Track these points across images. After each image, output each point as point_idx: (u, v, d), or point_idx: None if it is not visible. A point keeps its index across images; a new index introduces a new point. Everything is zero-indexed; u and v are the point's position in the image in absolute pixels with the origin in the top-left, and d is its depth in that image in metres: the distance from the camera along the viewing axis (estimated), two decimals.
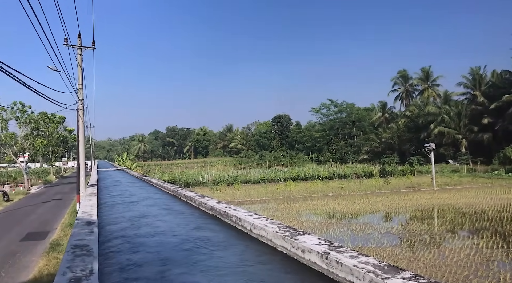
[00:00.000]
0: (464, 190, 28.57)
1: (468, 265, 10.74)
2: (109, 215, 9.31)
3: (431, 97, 67.01)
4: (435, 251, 12.33)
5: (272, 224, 6.07)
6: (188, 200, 11.63)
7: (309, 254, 4.59)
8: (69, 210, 24.02)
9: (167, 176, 40.36)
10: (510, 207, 20.26)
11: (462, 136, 53.74)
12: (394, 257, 11.76)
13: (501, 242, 13.21)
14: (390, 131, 66.86)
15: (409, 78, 74.24)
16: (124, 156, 67.79)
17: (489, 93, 53.09)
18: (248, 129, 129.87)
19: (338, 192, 29.24)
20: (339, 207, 22.23)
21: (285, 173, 41.87)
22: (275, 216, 19.15)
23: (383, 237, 14.55)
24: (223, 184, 35.92)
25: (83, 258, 4.34)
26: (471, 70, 57.78)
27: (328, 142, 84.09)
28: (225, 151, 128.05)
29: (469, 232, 15.09)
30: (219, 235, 6.59)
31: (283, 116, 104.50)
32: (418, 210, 20.70)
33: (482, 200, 23.21)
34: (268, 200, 26.32)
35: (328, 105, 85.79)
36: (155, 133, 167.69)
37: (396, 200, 24.31)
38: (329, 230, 16.19)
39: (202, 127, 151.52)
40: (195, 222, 8.04)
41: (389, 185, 32.33)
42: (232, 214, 7.53)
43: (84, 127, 21.36)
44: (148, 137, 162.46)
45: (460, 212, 19.55)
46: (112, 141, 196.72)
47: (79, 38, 20.52)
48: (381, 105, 78.57)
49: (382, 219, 18.95)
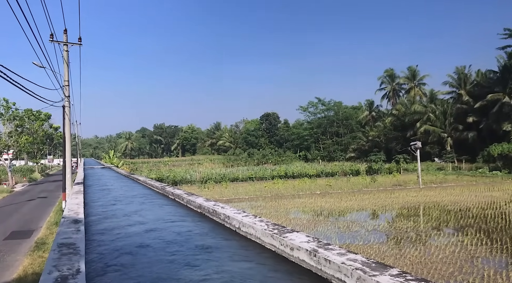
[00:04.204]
0: (449, 187, 28.98)
1: (453, 261, 10.91)
2: (96, 213, 9.22)
3: (418, 96, 67.76)
4: (421, 248, 12.49)
5: (261, 222, 6.08)
6: (176, 198, 11.58)
7: (297, 251, 4.61)
8: (54, 208, 23.70)
9: (155, 174, 40.09)
10: (494, 204, 20.62)
11: (448, 134, 54.49)
12: (381, 254, 11.89)
13: (485, 239, 13.44)
14: (377, 130, 67.46)
15: (396, 77, 74.98)
16: (111, 154, 67.12)
17: (474, 92, 53.90)
18: (236, 127, 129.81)
19: (325, 189, 29.40)
20: (327, 205, 22.36)
21: (273, 171, 41.93)
22: (264, 214, 19.18)
23: (370, 235, 14.69)
24: (211, 182, 35.83)
25: (70, 256, 4.29)
26: (456, 70, 58.58)
27: (316, 140, 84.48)
28: (213, 149, 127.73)
29: (454, 229, 15.33)
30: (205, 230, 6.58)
31: (271, 114, 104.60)
32: (404, 207, 20.94)
33: (466, 197, 23.58)
34: (256, 197, 26.34)
35: (315, 104, 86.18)
36: (142, 130, 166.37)
37: (383, 198, 24.55)
38: (317, 227, 16.28)
39: (190, 125, 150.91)
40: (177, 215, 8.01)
41: (375, 182, 32.62)
42: (220, 212, 7.52)
43: (70, 124, 21.10)
44: (135, 135, 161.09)
45: (445, 209, 19.83)
46: (99, 139, 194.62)
47: (65, 35, 20.24)
48: (368, 103, 79.22)
49: (369, 217, 19.12)
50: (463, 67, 58.26)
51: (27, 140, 42.33)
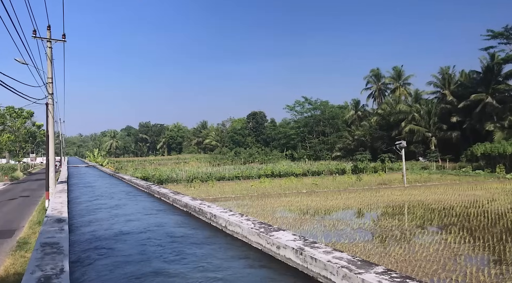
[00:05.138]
0: (433, 186, 29.37)
1: (437, 259, 11.06)
2: (79, 211, 9.10)
3: (403, 95, 68.49)
4: (406, 246, 12.64)
5: (247, 221, 6.07)
6: (162, 196, 11.50)
7: (284, 250, 4.62)
8: (37, 208, 23.31)
9: (140, 173, 39.74)
10: (477, 203, 20.98)
11: (432, 134, 55.26)
12: (366, 252, 11.98)
13: (468, 237, 13.67)
14: (363, 129, 68.04)
15: (382, 76, 75.69)
16: (95, 152, 66.36)
17: (457, 92, 54.76)
18: (223, 126, 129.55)
19: (312, 188, 29.53)
20: (313, 203, 22.47)
21: (259, 170, 41.94)
22: (250, 213, 19.18)
23: (355, 233, 14.80)
24: (197, 180, 35.69)
25: (53, 256, 4.22)
26: (440, 70, 59.43)
27: (302, 139, 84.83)
28: (200, 148, 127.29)
29: (438, 228, 15.54)
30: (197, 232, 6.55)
31: (258, 113, 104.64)
32: (389, 206, 21.15)
33: (450, 196, 23.93)
34: (242, 196, 26.32)
35: (302, 103, 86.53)
36: (127, 129, 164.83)
37: (368, 196, 24.76)
38: (303, 226, 16.35)
39: (176, 124, 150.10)
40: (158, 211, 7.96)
41: (361, 181, 32.89)
42: (207, 211, 7.49)
43: (53, 122, 20.78)
44: (120, 133, 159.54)
45: (430, 208, 20.10)
46: (83, 137, 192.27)
47: (49, 31, 19.91)
48: (354, 103, 79.83)
49: (354, 215, 19.27)
50: (447, 68, 59.17)
51: (8, 138, 41.60)
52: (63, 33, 20.38)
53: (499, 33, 48.94)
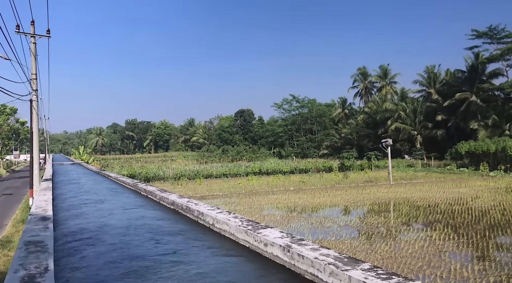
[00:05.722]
0: (419, 184, 29.74)
1: (422, 256, 11.21)
2: (66, 207, 8.99)
3: (389, 94, 69.14)
4: (391, 243, 12.78)
5: (235, 218, 6.06)
6: (149, 194, 11.42)
7: (271, 247, 4.62)
8: (21, 206, 22.94)
9: (126, 170, 39.41)
10: (461, 200, 21.31)
11: (417, 132, 55.93)
12: (353, 249, 12.09)
13: (452, 234, 13.88)
14: (350, 127, 68.54)
15: (368, 75, 76.27)
16: (81, 150, 65.55)
17: (443, 91, 55.47)
18: (210, 123, 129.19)
19: (299, 186, 29.65)
20: (300, 201, 22.56)
21: (247, 168, 41.94)
22: (237, 210, 19.18)
23: (342, 230, 14.91)
24: (185, 178, 35.53)
25: (38, 255, 4.16)
26: (426, 69, 60.14)
27: (290, 137, 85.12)
28: (187, 145, 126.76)
29: (423, 225, 15.75)
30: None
31: (245, 111, 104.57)
32: (375, 203, 21.36)
33: (435, 193, 24.26)
34: (230, 194, 26.29)
35: (290, 101, 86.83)
36: (113, 126, 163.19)
37: (355, 194, 24.96)
38: (290, 223, 16.41)
39: (163, 121, 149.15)
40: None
41: (348, 179, 33.13)
42: (194, 209, 7.46)
43: (38, 119, 20.46)
44: (106, 131, 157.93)
45: (415, 205, 20.35)
46: (68, 134, 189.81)
47: (32, 26, 19.57)
48: (341, 101, 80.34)
49: (341, 213, 19.42)
50: (432, 67, 59.91)
51: None
52: (48, 29, 20.07)
53: (483, 33, 49.76)
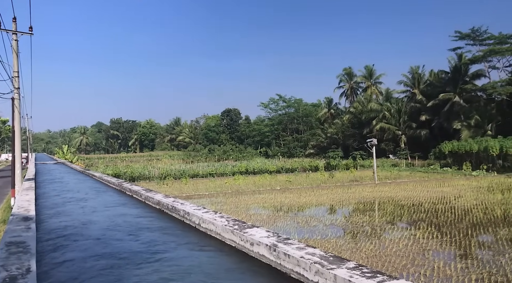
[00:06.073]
0: (403, 183, 30.10)
1: (406, 254, 11.34)
2: (49, 205, 8.84)
3: (374, 94, 69.82)
4: (376, 241, 12.90)
5: (221, 218, 6.05)
6: (134, 194, 11.31)
7: (257, 246, 4.62)
8: (2, 206, 22.48)
9: (111, 170, 38.96)
10: (444, 199, 21.63)
11: (402, 132, 56.63)
12: (338, 248, 12.17)
13: (436, 232, 14.08)
14: (335, 127, 69.01)
15: (354, 75, 76.84)
16: (64, 149, 64.68)
17: (427, 91, 56.28)
18: (196, 122, 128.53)
19: (285, 185, 29.72)
20: (286, 200, 22.62)
21: (234, 167, 41.86)
22: (224, 210, 19.13)
23: (327, 229, 15.00)
24: (170, 178, 35.29)
25: (19, 255, 4.08)
26: (410, 69, 60.90)
27: (276, 136, 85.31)
28: (173, 145, 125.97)
29: (407, 223, 15.94)
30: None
31: (232, 110, 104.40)
32: (360, 202, 21.54)
33: (419, 192, 24.58)
34: (216, 194, 26.21)
35: (276, 101, 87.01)
36: (98, 125, 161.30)
37: (340, 193, 25.14)
38: (277, 223, 16.44)
39: (148, 120, 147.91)
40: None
41: (333, 178, 33.34)
42: (180, 208, 7.42)
43: (20, 117, 20.09)
44: (90, 130, 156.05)
45: (399, 204, 20.59)
46: (52, 133, 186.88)
47: (14, 23, 19.21)
48: (327, 101, 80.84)
49: (327, 212, 19.53)
50: (417, 67, 60.70)
51: None
52: (30, 26, 19.72)
53: (466, 34, 50.59)
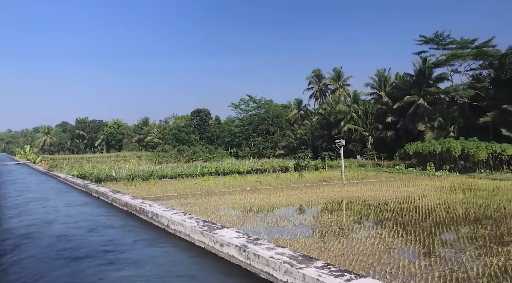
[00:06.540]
0: (370, 183, 30.80)
1: (373, 253, 11.61)
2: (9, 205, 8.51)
3: (342, 96, 71.12)
4: (344, 241, 13.15)
5: (191, 219, 6.00)
6: (100, 195, 11.05)
7: (227, 247, 4.61)
8: None
9: (77, 171, 37.95)
10: (409, 199, 22.29)
11: (369, 133, 57.99)
12: (307, 247, 12.32)
13: (401, 231, 14.48)
14: (305, 128, 69.84)
15: (323, 77, 78.11)
16: (27, 149, 62.28)
17: (392, 94, 57.92)
18: (165, 123, 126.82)
19: (255, 186, 29.82)
20: (257, 201, 22.70)
21: (203, 168, 41.62)
22: (193, 211, 18.99)
23: (297, 229, 15.16)
24: (138, 179, 34.70)
25: None
26: (377, 72, 62.49)
27: (247, 137, 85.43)
28: (141, 145, 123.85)
29: (374, 223, 16.33)
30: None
31: (202, 110, 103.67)
32: (329, 202, 21.89)
33: (385, 192, 25.22)
34: (186, 195, 25.98)
35: (247, 101, 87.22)
36: (63, 125, 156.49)
37: (309, 193, 25.46)
38: (247, 223, 16.47)
39: (115, 120, 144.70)
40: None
41: (303, 178, 33.72)
42: (148, 210, 7.30)
43: None
44: (55, 130, 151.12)
45: (366, 204, 21.06)
46: (13, 133, 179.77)
47: None
48: (297, 102, 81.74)
49: (296, 212, 19.74)
50: (383, 70, 62.34)
51: None
52: None
53: (430, 38, 52.37)
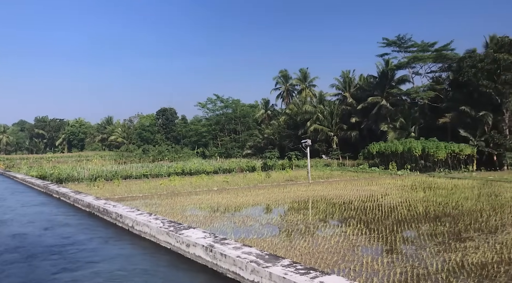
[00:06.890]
0: (335, 182, 31.37)
1: (337, 251, 11.84)
2: None
3: (308, 97, 72.06)
4: (310, 239, 13.33)
5: (156, 220, 5.92)
6: (62, 196, 10.70)
7: (193, 248, 4.58)
8: None
9: (36, 171, 36.49)
10: (372, 197, 22.88)
11: (334, 133, 59.11)
12: (274, 246, 12.40)
13: (365, 229, 14.84)
14: (272, 128, 70.29)
15: (290, 78, 78.85)
16: None
17: (356, 95, 59.28)
18: (130, 122, 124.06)
19: (222, 186, 29.72)
20: (223, 201, 22.63)
21: (169, 168, 41.03)
22: (159, 212, 18.70)
23: (263, 228, 15.24)
24: (102, 179, 33.77)
25: None
26: (342, 73, 63.79)
27: (214, 136, 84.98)
28: (104, 145, 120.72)
29: (339, 221, 16.65)
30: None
31: (168, 109, 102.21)
32: (295, 201, 22.13)
33: (349, 191, 25.77)
34: (151, 195, 25.55)
35: (214, 101, 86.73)
36: (20, 123, 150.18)
37: (276, 193, 25.64)
38: (214, 223, 16.40)
39: (77, 119, 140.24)
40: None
41: (270, 178, 33.91)
42: (112, 211, 7.14)
43: None
44: (12, 128, 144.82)
45: (331, 202, 21.44)
46: None
47: None
48: (264, 102, 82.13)
49: (263, 211, 19.84)
50: (348, 72, 63.72)
51: None
52: None
53: (393, 41, 53.95)
